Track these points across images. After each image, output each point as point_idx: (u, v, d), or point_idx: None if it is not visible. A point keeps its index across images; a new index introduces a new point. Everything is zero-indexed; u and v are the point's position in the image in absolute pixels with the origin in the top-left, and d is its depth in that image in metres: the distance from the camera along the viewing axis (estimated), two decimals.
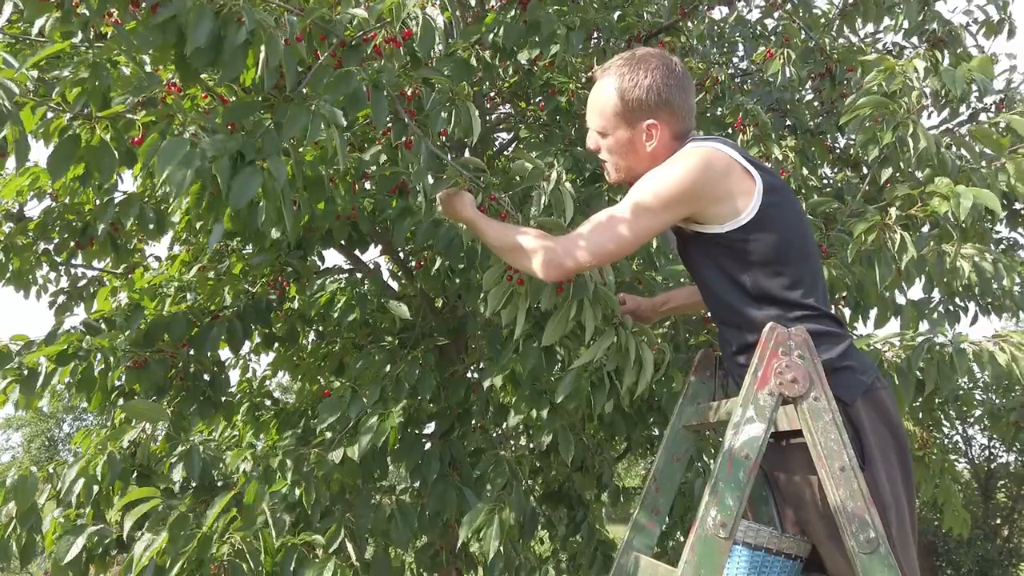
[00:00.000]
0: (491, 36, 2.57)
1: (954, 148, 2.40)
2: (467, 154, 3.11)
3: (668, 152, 1.62)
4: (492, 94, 3.13)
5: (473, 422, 3.01)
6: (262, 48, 1.53)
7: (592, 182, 3.00)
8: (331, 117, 1.56)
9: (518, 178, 1.87)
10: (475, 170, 1.86)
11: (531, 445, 3.50)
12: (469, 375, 3.09)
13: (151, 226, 2.36)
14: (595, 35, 3.29)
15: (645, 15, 3.38)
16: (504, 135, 3.84)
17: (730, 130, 3.11)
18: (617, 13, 3.33)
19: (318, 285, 2.62)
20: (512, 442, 3.54)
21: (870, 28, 3.92)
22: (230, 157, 1.48)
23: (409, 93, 1.87)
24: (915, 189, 2.18)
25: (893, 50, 3.93)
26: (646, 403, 3.02)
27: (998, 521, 11.80)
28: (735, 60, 3.93)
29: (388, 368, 2.69)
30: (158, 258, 3.45)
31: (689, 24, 3.55)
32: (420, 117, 1.87)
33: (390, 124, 1.76)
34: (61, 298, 3.33)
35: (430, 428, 3.10)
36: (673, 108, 1.61)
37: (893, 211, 2.17)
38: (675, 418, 1.75)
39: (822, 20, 3.75)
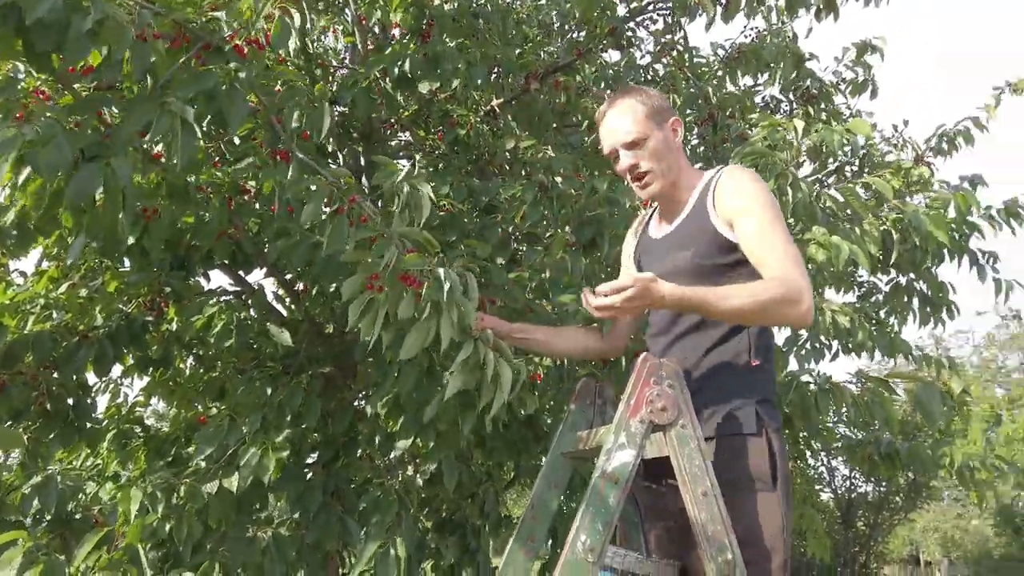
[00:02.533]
0: (395, 68, 2.59)
1: (825, 201, 2.58)
2: (364, 181, 3.09)
3: (683, 154, 1.82)
4: (392, 120, 3.13)
5: (359, 451, 2.95)
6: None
7: (487, 213, 3.04)
8: (179, 112, 1.54)
9: (383, 184, 1.85)
10: (338, 178, 1.84)
11: (418, 474, 3.45)
12: (358, 404, 3.03)
13: (11, 241, 2.21)
14: (495, 70, 3.38)
15: (543, 54, 3.50)
16: (403, 163, 3.85)
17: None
18: (518, 51, 3.43)
19: (195, 307, 2.51)
20: (400, 472, 3.48)
21: (749, 81, 4.19)
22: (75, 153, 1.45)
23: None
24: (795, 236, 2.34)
25: (771, 103, 4.22)
26: (531, 431, 3.05)
27: (856, 548, 12.57)
28: None
29: (270, 394, 2.60)
30: (23, 273, 3.22)
31: (585, 65, 3.70)
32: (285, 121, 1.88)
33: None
34: None
35: (314, 458, 3.01)
36: (676, 113, 1.82)
37: None
38: (554, 446, 1.78)
39: (706, 70, 3.98)
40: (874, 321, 2.55)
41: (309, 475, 2.80)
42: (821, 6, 3.66)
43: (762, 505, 1.53)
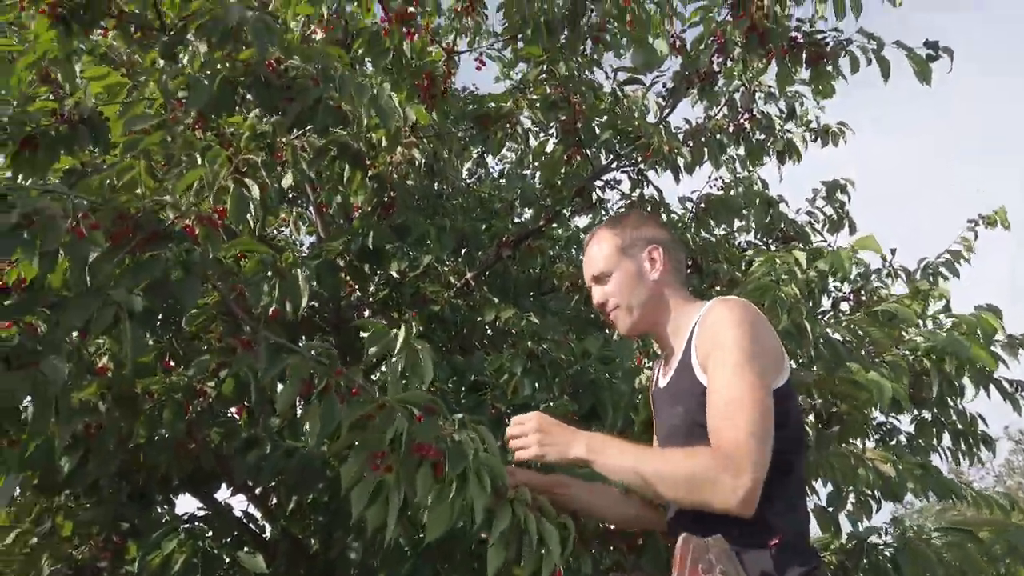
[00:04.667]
0: (359, 241, 2.46)
1: (843, 335, 2.38)
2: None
3: (674, 288, 1.58)
4: (362, 305, 2.98)
5: None
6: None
7: (474, 391, 2.80)
8: (125, 302, 1.34)
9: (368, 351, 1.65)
10: (321, 354, 1.63)
11: None
12: None
13: None
14: (463, 243, 3.29)
15: (510, 224, 3.44)
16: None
17: (605, 332, 3.06)
18: (484, 225, 3.37)
19: (152, 543, 2.16)
20: None
21: (722, 231, 4.16)
22: None
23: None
24: (821, 377, 2.09)
25: (748, 248, 4.17)
26: None
27: None
28: None
29: None
30: None
31: (558, 230, 3.64)
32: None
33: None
34: None
35: None
36: (663, 239, 1.62)
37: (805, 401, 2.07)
38: None
39: (679, 223, 3.94)
40: (920, 465, 2.26)
41: None
42: (783, 149, 3.72)
43: None
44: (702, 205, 3.92)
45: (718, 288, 3.17)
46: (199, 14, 1.70)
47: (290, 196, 3.40)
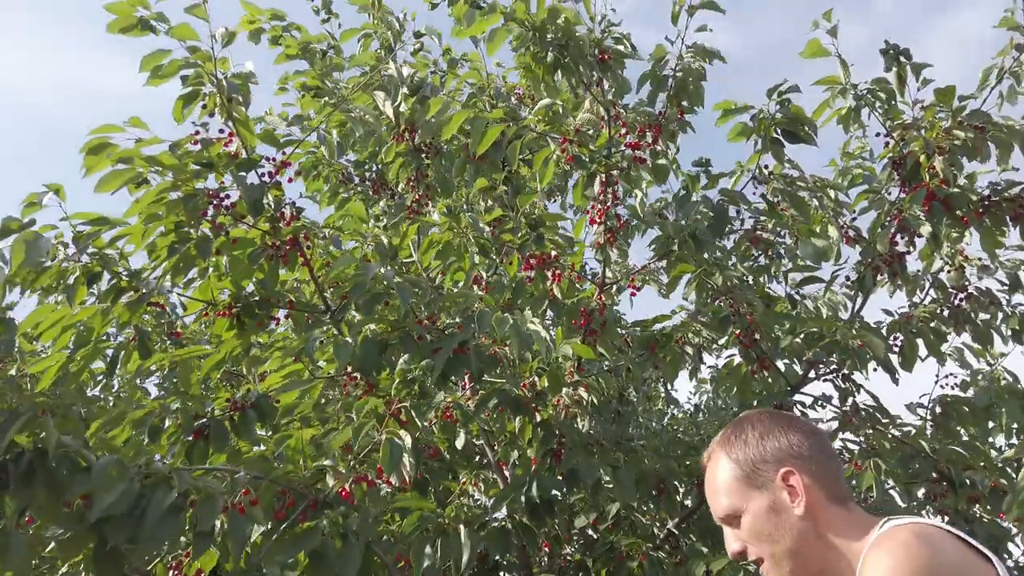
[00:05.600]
0: (525, 493, 2.26)
1: None
2: None
3: (831, 514, 1.16)
4: (552, 570, 2.68)
5: None
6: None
7: None
8: None
9: None
10: None
11: None
12: None
13: None
14: (661, 487, 2.97)
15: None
16: None
17: None
18: (681, 464, 3.06)
19: None
20: None
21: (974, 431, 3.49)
22: None
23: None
24: None
25: (1005, 450, 3.45)
26: None
27: None
28: None
29: None
30: None
31: None
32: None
33: None
34: None
35: None
36: (799, 451, 1.19)
37: None
38: None
39: (912, 432, 3.36)
40: None
41: None
42: (1019, 328, 3.18)
43: None
44: (938, 410, 3.36)
45: (979, 504, 2.54)
46: (345, 282, 1.80)
47: (477, 460, 3.33)
